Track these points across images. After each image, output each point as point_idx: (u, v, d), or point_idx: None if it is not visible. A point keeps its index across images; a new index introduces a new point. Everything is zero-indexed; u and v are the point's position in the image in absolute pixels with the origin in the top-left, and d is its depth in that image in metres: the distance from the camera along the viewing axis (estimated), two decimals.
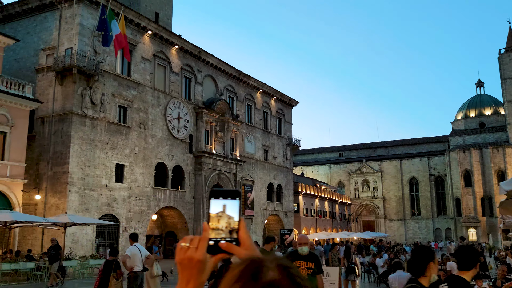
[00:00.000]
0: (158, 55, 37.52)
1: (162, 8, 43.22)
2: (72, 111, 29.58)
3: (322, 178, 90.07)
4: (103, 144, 31.56)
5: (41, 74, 31.60)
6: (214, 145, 42.36)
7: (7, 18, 33.98)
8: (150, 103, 36.21)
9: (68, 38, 30.97)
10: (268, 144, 52.58)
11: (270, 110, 53.61)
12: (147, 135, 35.58)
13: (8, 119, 25.93)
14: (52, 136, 30.10)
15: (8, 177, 25.62)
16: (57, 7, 31.81)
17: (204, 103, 42.24)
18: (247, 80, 49.14)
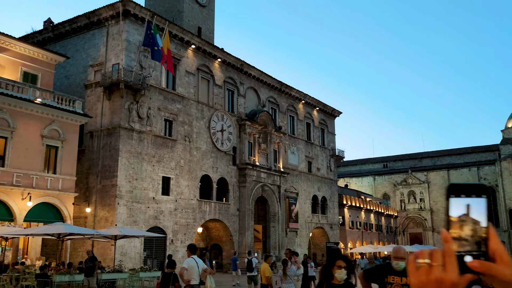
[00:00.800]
0: (201, 69, 37.85)
1: (204, 23, 43.71)
2: (120, 125, 30.10)
3: (366, 190, 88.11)
4: (150, 157, 31.91)
5: (89, 89, 32.43)
6: (257, 157, 42.14)
7: (58, 37, 35.20)
8: (194, 116, 36.46)
9: (115, 54, 31.69)
10: (312, 155, 51.89)
11: (313, 121, 53.00)
12: (192, 147, 35.77)
13: (60, 134, 26.61)
14: (100, 150, 30.70)
15: (60, 190, 26.21)
16: (104, 24, 32.67)
17: (247, 115, 42.20)
18: (289, 91, 48.84)
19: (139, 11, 32.19)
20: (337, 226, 55.20)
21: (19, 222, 23.96)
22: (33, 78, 28.54)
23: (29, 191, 24.48)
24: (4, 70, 27.08)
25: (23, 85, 25.33)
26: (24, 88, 25.26)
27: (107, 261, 28.01)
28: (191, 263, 8.98)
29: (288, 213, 45.50)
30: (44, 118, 25.97)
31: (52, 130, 26.29)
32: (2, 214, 23.76)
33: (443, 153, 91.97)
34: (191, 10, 42.31)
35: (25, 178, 24.68)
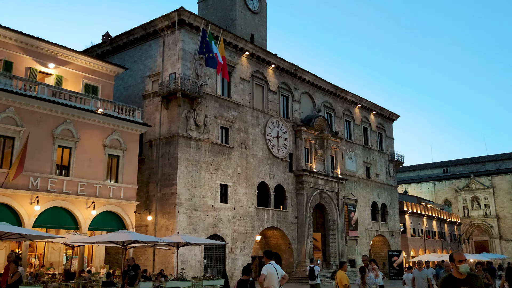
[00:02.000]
0: (255, 75, 37.56)
1: (257, 30, 43.52)
2: (178, 133, 30.20)
3: (426, 196, 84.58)
4: (208, 165, 31.80)
5: (147, 99, 32.86)
6: (314, 163, 41.19)
7: (116, 50, 36.05)
8: (250, 123, 36.14)
9: (171, 64, 31.96)
10: (370, 161, 50.26)
11: (370, 125, 51.43)
12: (248, 154, 35.40)
13: (121, 143, 26.97)
14: (160, 158, 30.92)
15: (122, 198, 26.49)
16: (160, 35, 33.09)
17: (302, 121, 41.43)
18: (345, 95, 47.65)
19: (194, 20, 32.36)
20: (399, 233, 53.00)
21: (84, 230, 24.36)
22: (94, 89, 29.22)
23: (93, 200, 24.87)
24: (67, 83, 27.87)
25: (85, 96, 25.90)
26: (86, 99, 25.82)
27: (168, 269, 28.00)
28: (270, 269, 8.36)
29: (347, 220, 44.12)
30: (105, 128, 26.42)
31: (114, 139, 26.69)
32: (68, 223, 24.24)
33: (509, 156, 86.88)
34: (244, 17, 42.26)
35: (89, 187, 25.11)
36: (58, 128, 24.14)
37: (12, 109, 22.44)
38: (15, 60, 25.91)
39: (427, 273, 14.42)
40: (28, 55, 26.46)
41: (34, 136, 22.86)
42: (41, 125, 23.56)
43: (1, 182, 21.56)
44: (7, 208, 21.90)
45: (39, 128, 23.42)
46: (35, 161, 22.98)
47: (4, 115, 22.14)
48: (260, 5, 44.35)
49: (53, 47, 27.31)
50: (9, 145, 22.51)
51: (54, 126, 24.04)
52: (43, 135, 23.56)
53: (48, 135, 23.80)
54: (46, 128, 23.77)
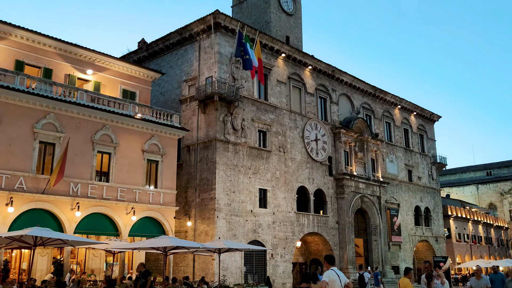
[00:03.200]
0: (292, 77, 36.77)
1: (292, 32, 42.76)
2: (216, 137, 29.71)
3: (469, 200, 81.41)
4: (246, 169, 31.16)
5: (184, 104, 32.57)
6: (354, 167, 39.93)
7: (152, 56, 36.02)
8: (287, 126, 35.34)
9: (208, 67, 31.59)
10: (411, 163, 48.49)
11: (411, 126, 49.70)
12: (287, 158, 34.57)
13: (159, 148, 26.67)
14: (198, 163, 30.50)
15: (161, 204, 26.13)
16: (196, 39, 32.80)
17: (341, 123, 40.31)
18: (384, 96, 46.22)
19: (229, 22, 31.92)
20: (443, 239, 50.85)
21: (124, 236, 24.08)
22: (132, 95, 29.13)
23: (133, 206, 24.59)
24: (105, 89, 27.85)
25: (123, 101, 25.75)
26: (124, 104, 25.66)
27: (209, 276, 27.42)
28: (332, 276, 7.54)
29: (390, 225, 42.56)
30: (144, 133, 26.18)
31: (152, 144, 26.41)
32: (109, 229, 24.02)
33: None
34: (278, 20, 41.60)
35: (129, 193, 24.86)
36: (97, 134, 24.03)
37: (52, 115, 22.44)
38: (55, 67, 26.05)
39: (486, 282, 13.20)
40: (67, 62, 26.57)
41: (74, 142, 22.78)
42: (81, 131, 23.50)
43: (42, 188, 21.53)
44: (48, 214, 21.85)
45: (78, 134, 23.35)
46: (75, 167, 22.88)
47: (44, 122, 22.15)
48: (295, 7, 43.61)
49: (91, 53, 27.36)
50: (50, 151, 22.51)
51: (93, 132, 23.94)
52: (82, 141, 23.48)
53: (87, 140, 23.71)
54: (86, 133, 23.69)
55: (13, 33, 24.39)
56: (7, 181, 20.63)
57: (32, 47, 25.22)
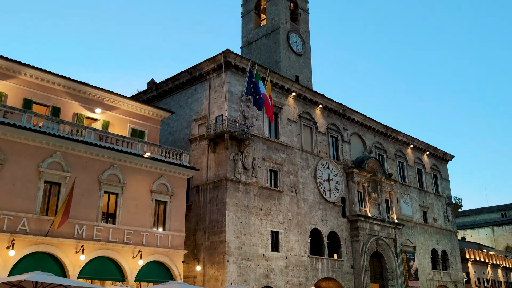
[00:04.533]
0: (303, 116, 36.16)
1: (302, 71, 42.60)
2: (226, 177, 28.76)
3: (485, 243, 78.81)
4: (257, 210, 30.00)
5: (194, 143, 31.85)
6: (368, 208, 38.59)
7: (161, 95, 35.70)
8: (299, 165, 34.39)
9: (218, 106, 31.08)
10: (426, 204, 47.01)
11: (424, 166, 48.55)
12: (299, 199, 33.41)
13: (168, 188, 25.72)
14: (207, 204, 29.42)
15: (169, 247, 24.89)
16: (206, 78, 32.49)
17: (353, 163, 39.31)
18: (396, 135, 45.40)
19: (240, 61, 31.66)
20: (462, 284, 48.55)
21: (130, 282, 22.75)
22: (141, 134, 28.49)
23: (140, 249, 23.39)
24: (113, 128, 27.26)
25: (131, 140, 25.05)
26: (133, 143, 24.95)
27: None
28: None
29: (406, 269, 40.66)
30: (152, 172, 25.32)
31: (161, 184, 25.49)
32: (114, 274, 22.73)
33: None
34: (288, 59, 41.53)
35: (136, 235, 23.71)
36: (104, 173, 23.18)
37: (59, 154, 21.71)
38: (63, 106, 25.58)
39: None
40: (76, 100, 26.12)
41: (80, 182, 21.93)
42: (88, 170, 22.68)
43: (46, 230, 20.50)
44: (51, 258, 20.68)
45: (85, 173, 22.52)
46: (81, 208, 21.91)
47: (50, 161, 21.39)
48: (304, 47, 43.64)
49: (100, 92, 26.96)
50: (55, 191, 21.61)
51: (100, 171, 23.11)
52: (89, 180, 22.62)
53: (94, 180, 22.84)
54: (93, 173, 22.85)
55: (22, 72, 24.08)
56: (9, 223, 19.65)
57: (41, 86, 24.84)
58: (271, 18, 42.83)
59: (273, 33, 42.02)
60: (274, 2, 43.02)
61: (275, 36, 41.80)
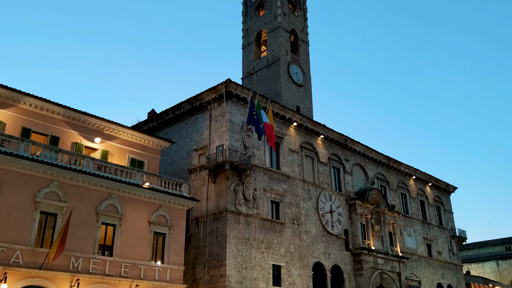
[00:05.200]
0: (304, 146, 35.78)
1: (302, 102, 42.54)
2: (227, 208, 28.10)
3: (490, 277, 76.92)
4: (258, 243, 29.19)
5: (194, 174, 31.32)
6: (372, 240, 37.70)
7: (162, 126, 35.40)
8: (301, 196, 33.76)
9: (218, 136, 30.73)
10: (430, 237, 46.08)
11: (427, 198, 47.87)
12: (301, 231, 32.62)
13: (167, 220, 25.03)
14: (207, 236, 28.63)
15: (168, 281, 24.00)
16: (207, 108, 32.28)
17: (356, 194, 38.68)
18: (398, 166, 44.93)
19: (241, 91, 31.53)
20: None
21: None
22: (140, 164, 27.99)
23: (137, 283, 22.52)
24: (112, 158, 26.79)
25: (130, 169, 24.55)
26: (132, 173, 24.45)
27: None
28: None
29: None
30: (151, 203, 24.69)
31: (160, 216, 24.82)
32: None
33: None
34: (288, 90, 41.54)
35: (133, 268, 22.88)
36: (102, 204, 22.57)
37: (56, 183, 21.16)
38: (62, 135, 25.18)
39: None
40: (75, 130, 25.76)
41: (77, 213, 21.29)
42: (85, 201, 22.07)
43: (40, 263, 19.73)
44: None
45: (82, 204, 21.91)
46: (77, 239, 21.20)
47: (47, 190, 20.83)
48: (305, 78, 43.73)
49: (99, 121, 26.62)
50: (51, 222, 20.95)
51: (98, 202, 22.50)
52: (86, 211, 21.98)
53: (91, 211, 22.20)
54: (90, 204, 22.24)
55: (21, 100, 23.80)
56: (3, 255, 18.91)
57: (40, 115, 24.52)
58: (271, 49, 43.10)
59: (274, 64, 42.19)
60: (275, 34, 43.40)
61: (275, 67, 41.95)
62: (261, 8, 46.64)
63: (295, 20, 45.91)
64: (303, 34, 46.10)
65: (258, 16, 46.29)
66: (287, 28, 44.28)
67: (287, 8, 45.49)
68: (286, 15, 44.80)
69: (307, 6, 48.06)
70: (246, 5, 47.84)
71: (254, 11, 46.90)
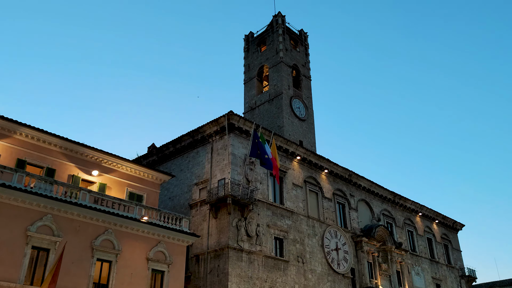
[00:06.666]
0: (308, 181, 34.79)
1: (305, 136, 41.87)
2: (228, 245, 26.82)
3: None
4: (262, 282, 27.72)
5: (194, 209, 30.20)
6: (379, 280, 36.08)
7: (162, 160, 34.54)
8: (305, 233, 32.49)
9: (220, 169, 29.81)
10: (439, 276, 44.32)
11: (434, 235, 46.42)
12: (306, 270, 31.15)
13: (166, 256, 23.76)
14: (208, 275, 27.21)
15: None
16: (209, 141, 31.53)
17: (362, 231, 37.36)
18: (404, 202, 43.76)
19: (243, 124, 30.87)
20: None
21: None
22: (139, 198, 26.96)
23: None
24: (110, 191, 25.80)
25: (129, 203, 23.49)
26: (130, 206, 23.38)
27: None
28: None
29: None
30: (149, 238, 23.49)
31: (158, 252, 23.56)
32: None
33: None
34: (291, 124, 40.95)
35: None
36: (98, 239, 21.39)
37: (49, 216, 20.08)
38: (58, 167, 24.29)
39: None
40: (72, 162, 24.88)
41: (71, 248, 20.11)
42: (80, 235, 20.91)
43: None
44: None
45: (77, 238, 20.74)
46: (71, 277, 19.90)
47: (40, 224, 19.73)
48: (307, 112, 43.26)
49: (97, 153, 25.78)
50: (43, 258, 19.72)
51: (94, 237, 21.33)
52: (81, 246, 20.78)
53: (86, 246, 20.99)
54: (85, 238, 21.06)
55: (17, 131, 23.04)
56: None
57: (36, 146, 23.71)
58: (273, 84, 42.83)
59: (276, 98, 41.80)
60: (277, 69, 43.25)
61: (278, 101, 41.53)
62: (263, 44, 46.76)
63: (296, 55, 45.92)
64: (305, 69, 45.99)
65: (260, 52, 46.33)
66: (289, 63, 44.19)
67: (289, 44, 45.58)
68: (288, 50, 44.82)
69: (308, 42, 48.22)
70: (248, 41, 48.01)
71: (256, 47, 47.00)
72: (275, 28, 45.48)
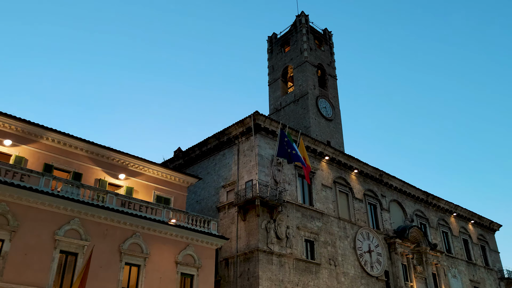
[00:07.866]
0: (338, 181, 33.85)
1: (333, 137, 40.94)
2: (258, 247, 26.13)
3: None
4: (293, 286, 26.89)
5: (222, 212, 29.65)
6: (415, 283, 34.75)
7: (188, 163, 34.17)
8: (337, 235, 31.52)
9: (247, 171, 29.21)
10: (477, 279, 42.54)
11: (470, 236, 44.67)
12: (339, 272, 30.17)
13: (195, 260, 23.23)
14: (237, 279, 26.55)
15: None
16: (235, 142, 31.00)
17: (395, 232, 36.13)
18: (437, 202, 42.27)
19: (269, 124, 30.23)
20: None
21: None
22: (166, 201, 26.58)
23: None
24: (137, 195, 25.49)
25: (156, 206, 23.08)
26: (157, 209, 22.97)
27: None
28: None
29: None
30: (178, 242, 23.01)
31: (187, 255, 23.05)
32: None
33: None
34: (318, 124, 40.10)
35: None
36: (126, 242, 21.02)
37: (77, 220, 19.81)
38: (85, 171, 24.12)
39: None
40: (98, 166, 24.68)
41: (98, 252, 19.78)
42: (108, 239, 20.58)
43: None
44: None
45: (105, 242, 20.41)
46: (99, 281, 19.54)
47: (68, 228, 19.46)
48: (334, 112, 42.35)
49: (124, 157, 25.54)
50: (71, 262, 19.43)
51: (121, 240, 20.97)
52: (109, 250, 20.44)
53: (114, 250, 20.64)
54: (113, 242, 20.72)
55: (44, 136, 22.97)
56: None
57: (63, 150, 23.59)
58: (298, 84, 42.12)
59: (302, 98, 41.06)
60: (302, 69, 42.53)
61: (303, 101, 40.78)
62: (286, 45, 46.15)
63: (321, 55, 45.12)
64: (330, 69, 45.13)
65: (283, 52, 45.73)
66: (314, 62, 43.42)
67: (313, 43, 44.84)
68: (312, 50, 44.08)
69: (333, 41, 47.36)
70: (271, 42, 47.47)
71: (280, 48, 46.42)
72: (299, 28, 44.84)
